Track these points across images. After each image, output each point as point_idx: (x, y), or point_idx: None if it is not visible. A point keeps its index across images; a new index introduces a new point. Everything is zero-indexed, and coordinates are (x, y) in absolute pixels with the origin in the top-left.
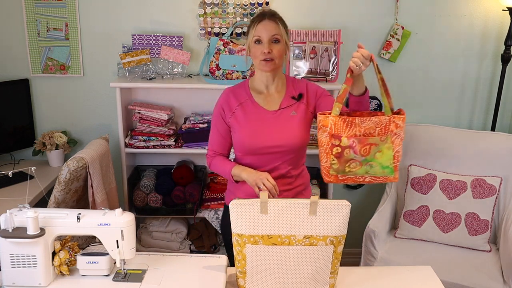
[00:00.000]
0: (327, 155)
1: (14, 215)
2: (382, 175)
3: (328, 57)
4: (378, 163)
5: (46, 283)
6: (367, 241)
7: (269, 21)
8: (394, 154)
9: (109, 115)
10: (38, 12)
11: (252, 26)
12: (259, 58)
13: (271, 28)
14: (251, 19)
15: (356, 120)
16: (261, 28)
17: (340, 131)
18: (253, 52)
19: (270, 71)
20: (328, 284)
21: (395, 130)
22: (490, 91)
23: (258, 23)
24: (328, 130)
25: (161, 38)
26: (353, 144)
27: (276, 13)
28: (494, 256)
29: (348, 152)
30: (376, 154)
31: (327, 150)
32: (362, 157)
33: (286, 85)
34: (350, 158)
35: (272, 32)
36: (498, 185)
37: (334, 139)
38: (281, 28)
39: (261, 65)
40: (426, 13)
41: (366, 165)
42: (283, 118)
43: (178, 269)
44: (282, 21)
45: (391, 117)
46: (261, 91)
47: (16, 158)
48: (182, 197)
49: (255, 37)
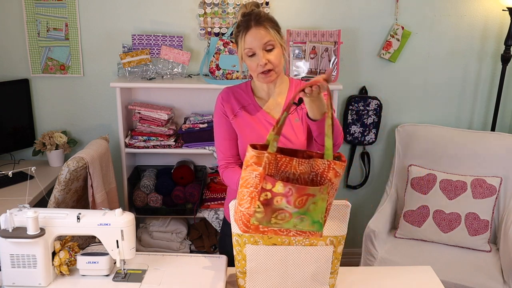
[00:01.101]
0: (251, 199)
1: (14, 215)
2: (309, 229)
3: (328, 57)
4: (309, 217)
5: (46, 283)
6: (367, 241)
7: (257, 28)
8: (327, 207)
9: (109, 115)
10: (38, 12)
11: (240, 37)
12: (257, 71)
13: (261, 36)
14: (237, 25)
15: (293, 161)
16: (251, 39)
17: (275, 173)
18: (249, 65)
19: (271, 82)
20: (328, 284)
21: (333, 179)
22: (490, 91)
23: (246, 33)
24: (261, 170)
25: (161, 38)
26: (288, 193)
27: (261, 15)
28: (494, 256)
29: (279, 201)
30: (310, 206)
31: (253, 194)
32: (295, 208)
33: (288, 90)
34: (279, 208)
35: (264, 40)
36: (498, 185)
37: (266, 182)
38: (272, 32)
39: (261, 78)
40: (426, 13)
41: (296, 218)
42: (287, 125)
43: (178, 269)
44: (271, 21)
45: (331, 162)
46: (263, 96)
47: (16, 158)
48: (182, 197)
49: (247, 50)
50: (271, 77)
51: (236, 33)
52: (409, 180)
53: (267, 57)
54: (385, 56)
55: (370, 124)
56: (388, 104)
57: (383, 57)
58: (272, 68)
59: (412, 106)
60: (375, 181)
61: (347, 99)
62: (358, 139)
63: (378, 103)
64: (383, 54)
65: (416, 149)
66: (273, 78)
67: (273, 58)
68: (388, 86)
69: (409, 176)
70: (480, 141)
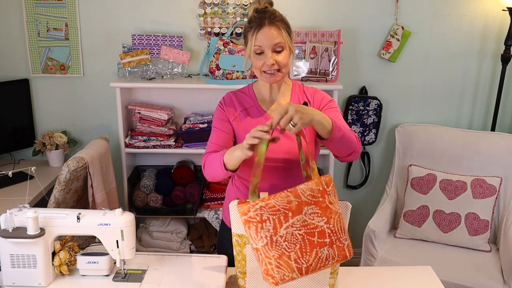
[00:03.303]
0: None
1: (14, 215)
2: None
3: (328, 57)
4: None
5: (46, 283)
6: (367, 241)
7: (270, 27)
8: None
9: (109, 115)
10: (38, 12)
11: (251, 33)
12: (262, 70)
13: (272, 36)
14: (248, 20)
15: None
16: (262, 38)
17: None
18: (255, 62)
19: (276, 82)
20: (328, 284)
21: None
22: (490, 91)
23: (258, 31)
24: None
25: (161, 38)
26: None
27: (276, 15)
28: (494, 256)
29: None
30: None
31: None
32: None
33: (292, 92)
34: None
35: (275, 41)
36: (498, 185)
37: None
38: (284, 34)
39: (265, 77)
40: (426, 13)
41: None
42: None
43: (178, 269)
44: (285, 23)
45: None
46: (266, 98)
47: (16, 158)
48: (182, 197)
49: (256, 47)
50: (276, 78)
51: (247, 29)
52: (409, 180)
53: (275, 58)
54: (385, 56)
55: (370, 124)
56: (388, 104)
57: (383, 57)
58: (279, 69)
59: (412, 106)
60: (375, 181)
61: (347, 99)
62: None
63: (378, 103)
64: (383, 54)
65: (416, 149)
66: (278, 78)
67: (281, 59)
68: (388, 86)
69: (409, 176)
70: (480, 141)
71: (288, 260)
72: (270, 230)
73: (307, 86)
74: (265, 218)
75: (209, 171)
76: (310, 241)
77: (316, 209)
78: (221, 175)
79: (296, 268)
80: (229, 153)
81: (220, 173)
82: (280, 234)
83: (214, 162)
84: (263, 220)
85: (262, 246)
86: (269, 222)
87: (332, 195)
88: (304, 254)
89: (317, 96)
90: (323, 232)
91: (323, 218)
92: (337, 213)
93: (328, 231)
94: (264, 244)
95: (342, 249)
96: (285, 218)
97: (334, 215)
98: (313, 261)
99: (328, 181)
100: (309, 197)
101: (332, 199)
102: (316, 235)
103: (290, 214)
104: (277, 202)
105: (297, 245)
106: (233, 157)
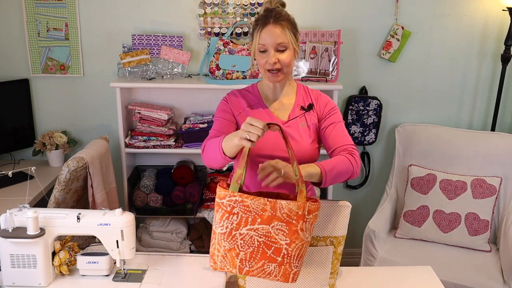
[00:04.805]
0: None
1: (14, 215)
2: None
3: (328, 57)
4: None
5: (46, 283)
6: (367, 241)
7: (274, 26)
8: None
9: (109, 115)
10: (38, 12)
11: (256, 30)
12: (264, 68)
13: (276, 36)
14: (256, 18)
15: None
16: (266, 36)
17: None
18: (258, 60)
19: (278, 82)
20: (328, 284)
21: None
22: (490, 91)
23: (262, 28)
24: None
25: (161, 38)
26: None
27: (282, 14)
28: (494, 256)
29: None
30: None
31: None
32: None
33: (296, 93)
34: None
35: (278, 40)
36: (498, 185)
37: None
38: (288, 34)
39: (267, 76)
40: (426, 13)
41: None
42: (293, 129)
43: (178, 269)
44: (290, 23)
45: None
46: (270, 97)
47: (16, 158)
48: (182, 197)
49: (260, 45)
50: (278, 77)
51: (254, 27)
52: (409, 180)
53: (278, 57)
54: (385, 56)
55: (370, 124)
56: (388, 104)
57: (383, 57)
58: (281, 68)
59: (412, 106)
60: (375, 181)
61: (347, 99)
62: (358, 139)
63: (378, 103)
64: (383, 54)
65: (416, 149)
66: (279, 78)
67: (283, 58)
68: (388, 86)
69: (409, 176)
70: (480, 141)
71: (235, 257)
72: (234, 224)
73: (311, 89)
74: (235, 212)
75: (207, 155)
76: (263, 251)
77: (285, 228)
78: (219, 161)
79: (238, 267)
80: (227, 139)
81: (218, 159)
82: (240, 232)
83: (213, 147)
84: (232, 213)
85: (219, 233)
86: (236, 217)
87: (309, 223)
88: (251, 259)
89: (321, 100)
90: (279, 250)
91: (286, 238)
92: (302, 240)
93: (285, 251)
94: (222, 233)
95: (288, 273)
96: (252, 221)
97: (299, 241)
98: (256, 269)
99: (312, 209)
100: (284, 215)
101: (306, 227)
102: (272, 249)
103: (259, 220)
104: (252, 204)
105: (250, 249)
106: (231, 144)
